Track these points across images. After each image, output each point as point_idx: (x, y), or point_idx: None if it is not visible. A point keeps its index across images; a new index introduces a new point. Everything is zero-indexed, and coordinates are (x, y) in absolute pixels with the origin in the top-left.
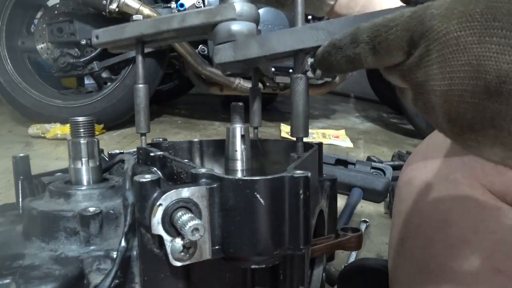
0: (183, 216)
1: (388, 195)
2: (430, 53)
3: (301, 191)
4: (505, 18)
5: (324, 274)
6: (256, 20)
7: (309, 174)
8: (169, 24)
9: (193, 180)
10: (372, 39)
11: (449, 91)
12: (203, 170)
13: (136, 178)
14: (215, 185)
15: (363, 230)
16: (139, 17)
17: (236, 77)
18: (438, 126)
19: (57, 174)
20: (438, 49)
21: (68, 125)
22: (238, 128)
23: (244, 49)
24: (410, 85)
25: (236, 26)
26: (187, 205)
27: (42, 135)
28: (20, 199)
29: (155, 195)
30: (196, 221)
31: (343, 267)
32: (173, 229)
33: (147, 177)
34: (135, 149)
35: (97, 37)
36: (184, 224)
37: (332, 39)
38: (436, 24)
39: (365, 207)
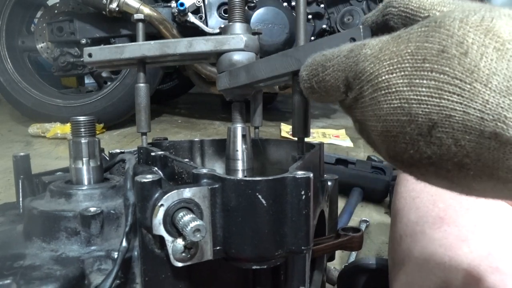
0: (185, 217)
1: (388, 194)
2: (364, 95)
3: (302, 192)
4: (435, 60)
5: (324, 274)
6: (257, 51)
7: (311, 175)
8: (175, 48)
9: (195, 180)
10: (310, 78)
11: (384, 133)
12: (204, 171)
13: (138, 178)
14: (216, 186)
15: (363, 229)
16: (140, 16)
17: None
18: (384, 159)
19: (58, 173)
20: (370, 92)
21: (68, 124)
22: (239, 128)
23: (235, 77)
24: (353, 120)
25: (237, 56)
26: (188, 205)
27: (42, 135)
28: (21, 198)
29: (156, 195)
30: (197, 222)
31: (343, 267)
32: (175, 229)
33: (149, 177)
34: (136, 149)
35: (89, 55)
36: (185, 225)
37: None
38: (368, 65)
39: (365, 207)
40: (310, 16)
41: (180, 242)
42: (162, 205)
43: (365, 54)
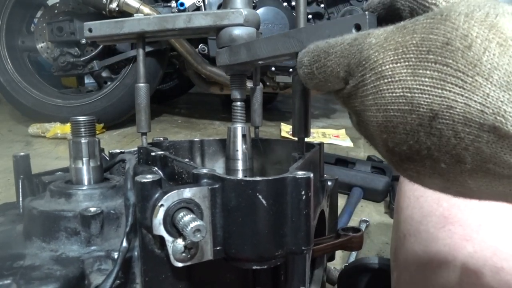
0: (185, 217)
1: (388, 194)
2: (366, 83)
3: (303, 192)
4: (439, 52)
5: (324, 274)
6: (258, 26)
7: (311, 175)
8: (174, 23)
9: (195, 180)
10: (311, 63)
11: (384, 123)
12: (204, 171)
13: (138, 178)
14: (216, 186)
15: (363, 229)
16: (140, 15)
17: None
18: (380, 154)
19: (58, 173)
20: (373, 80)
21: (68, 124)
22: (239, 128)
23: (236, 54)
24: (351, 112)
25: (237, 31)
26: (188, 205)
27: (42, 135)
28: (21, 198)
29: (156, 195)
30: (198, 222)
31: (343, 267)
32: (175, 229)
33: (149, 177)
34: (136, 149)
35: (90, 30)
36: (186, 225)
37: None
38: (373, 53)
39: (365, 207)
40: (310, 16)
41: (180, 242)
42: (162, 205)
43: (370, 43)
